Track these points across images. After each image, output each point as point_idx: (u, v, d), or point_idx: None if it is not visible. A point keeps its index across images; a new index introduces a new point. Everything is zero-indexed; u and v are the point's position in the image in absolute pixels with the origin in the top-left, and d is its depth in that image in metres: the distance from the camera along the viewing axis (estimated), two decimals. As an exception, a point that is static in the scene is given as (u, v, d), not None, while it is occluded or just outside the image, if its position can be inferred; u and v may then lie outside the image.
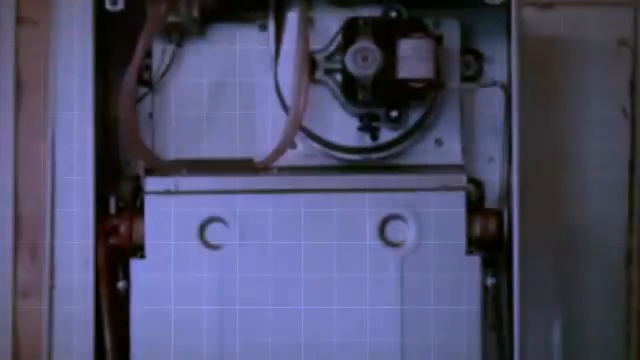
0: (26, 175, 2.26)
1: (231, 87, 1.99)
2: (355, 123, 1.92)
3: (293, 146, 1.94)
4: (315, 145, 1.95)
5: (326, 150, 1.95)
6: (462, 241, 1.87)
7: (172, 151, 1.98)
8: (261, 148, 1.94)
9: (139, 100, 1.97)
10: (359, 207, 1.88)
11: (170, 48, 1.98)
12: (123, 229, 1.90)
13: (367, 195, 1.89)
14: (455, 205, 1.88)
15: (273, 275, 1.88)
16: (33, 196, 2.24)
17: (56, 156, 2.19)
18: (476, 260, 1.88)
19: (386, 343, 1.87)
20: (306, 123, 1.91)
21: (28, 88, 2.28)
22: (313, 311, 1.87)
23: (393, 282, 1.88)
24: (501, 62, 1.98)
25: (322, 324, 1.88)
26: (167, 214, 1.88)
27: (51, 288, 2.18)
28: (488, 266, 1.91)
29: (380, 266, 1.88)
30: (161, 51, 1.98)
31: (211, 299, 1.87)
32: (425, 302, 1.88)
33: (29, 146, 2.25)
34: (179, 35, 1.97)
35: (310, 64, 1.89)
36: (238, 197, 1.89)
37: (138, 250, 1.89)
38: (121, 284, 1.90)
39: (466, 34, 1.97)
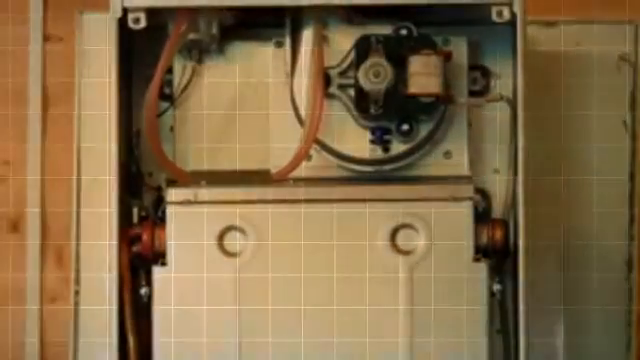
0: (53, 188, 2.27)
1: (248, 101, 1.99)
2: (367, 136, 1.92)
3: (308, 158, 1.93)
4: (329, 157, 1.94)
5: (340, 162, 1.94)
6: (470, 249, 1.87)
7: (192, 163, 1.98)
8: (277, 160, 1.93)
9: (161, 114, 1.97)
10: (371, 216, 1.88)
11: (190, 64, 1.98)
12: (145, 237, 1.90)
13: (379, 205, 1.88)
14: (463, 214, 1.87)
15: (288, 281, 1.87)
16: (59, 208, 2.25)
17: (81, 168, 2.19)
18: (483, 267, 1.87)
19: (396, 345, 1.87)
20: (320, 136, 1.91)
21: (55, 101, 2.29)
22: (324, 314, 1.87)
23: (404, 287, 1.87)
24: (507, 77, 1.97)
25: (333, 326, 1.87)
26: (187, 223, 1.88)
27: (76, 293, 2.18)
28: (494, 273, 1.91)
29: (391, 272, 1.87)
30: (182, 67, 1.98)
31: (230, 305, 1.87)
32: (434, 307, 1.87)
33: (56, 158, 2.26)
34: (199, 52, 1.97)
35: (324, 79, 1.89)
36: (255, 207, 1.88)
37: (160, 257, 1.89)
38: (143, 290, 1.90)
39: (473, 51, 1.97)
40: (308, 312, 1.87)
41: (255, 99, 1.98)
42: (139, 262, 1.91)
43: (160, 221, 1.90)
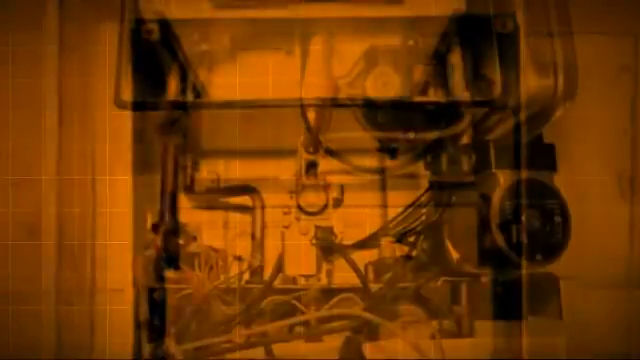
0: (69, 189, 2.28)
1: (259, 108, 1.99)
2: (375, 143, 1.92)
3: (318, 165, 1.94)
4: (337, 163, 1.95)
5: (348, 168, 1.95)
6: (474, 253, 1.87)
7: (206, 170, 1.98)
8: (287, 167, 1.94)
9: (174, 122, 1.97)
10: (377, 221, 1.89)
11: (203, 73, 1.98)
12: (159, 241, 1.91)
13: (385, 210, 1.89)
14: (467, 219, 1.88)
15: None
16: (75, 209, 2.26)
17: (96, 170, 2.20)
18: (486, 271, 1.88)
19: (398, 347, 1.88)
20: (329, 143, 1.91)
21: (70, 108, 2.29)
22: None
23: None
24: (510, 86, 1.97)
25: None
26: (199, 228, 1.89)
27: (92, 295, 2.19)
28: (498, 276, 1.91)
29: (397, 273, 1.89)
30: (194, 76, 1.98)
31: (239, 306, 1.88)
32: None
33: (72, 170, 2.27)
34: (211, 61, 1.97)
35: (333, 88, 1.89)
36: (266, 212, 1.89)
37: (172, 262, 1.90)
38: (157, 293, 1.91)
39: (478, 60, 1.97)
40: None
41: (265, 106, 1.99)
42: (154, 265, 1.92)
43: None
